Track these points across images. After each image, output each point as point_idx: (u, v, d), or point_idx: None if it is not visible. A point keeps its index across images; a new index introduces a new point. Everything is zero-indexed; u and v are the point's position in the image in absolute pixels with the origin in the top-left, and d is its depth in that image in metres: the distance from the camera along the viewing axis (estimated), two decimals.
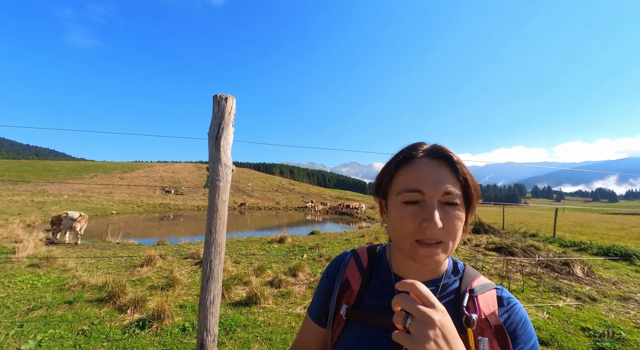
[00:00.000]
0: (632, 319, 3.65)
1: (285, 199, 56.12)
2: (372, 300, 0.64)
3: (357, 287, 0.66)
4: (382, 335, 0.59)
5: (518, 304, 0.60)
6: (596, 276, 5.58)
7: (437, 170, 0.55)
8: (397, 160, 0.60)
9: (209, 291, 1.01)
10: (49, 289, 4.32)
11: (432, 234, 0.52)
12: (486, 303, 0.59)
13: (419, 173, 0.56)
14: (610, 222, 22.42)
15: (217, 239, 1.02)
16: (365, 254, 0.73)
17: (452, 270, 0.65)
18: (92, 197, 33.89)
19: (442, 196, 0.54)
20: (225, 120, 1.09)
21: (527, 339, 0.56)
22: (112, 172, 56.58)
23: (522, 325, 0.57)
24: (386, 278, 0.66)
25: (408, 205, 0.55)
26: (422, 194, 0.54)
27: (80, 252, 7.19)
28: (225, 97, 1.10)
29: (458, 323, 0.55)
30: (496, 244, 8.47)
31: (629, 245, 8.48)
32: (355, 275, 0.69)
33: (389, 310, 0.60)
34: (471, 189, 0.56)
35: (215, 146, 1.07)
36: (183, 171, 68.43)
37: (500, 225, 13.15)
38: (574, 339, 3.07)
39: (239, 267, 5.93)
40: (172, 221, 21.79)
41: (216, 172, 1.07)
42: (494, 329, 0.56)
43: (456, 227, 0.55)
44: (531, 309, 3.85)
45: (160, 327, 3.19)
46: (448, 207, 0.54)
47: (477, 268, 5.97)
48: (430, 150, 0.58)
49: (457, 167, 0.56)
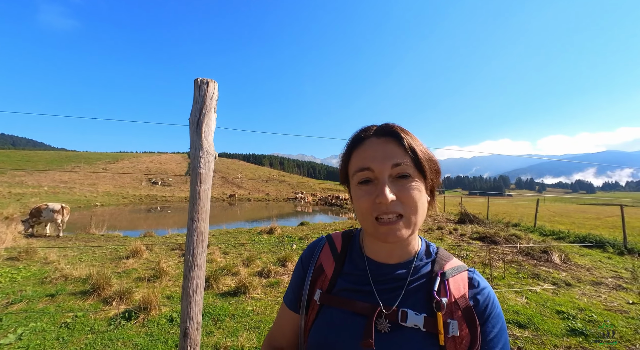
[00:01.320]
0: (603, 302, 3.87)
1: (275, 190, 55.99)
2: (345, 284, 0.64)
3: (330, 272, 0.67)
4: (353, 319, 0.59)
5: (488, 287, 0.61)
6: (572, 263, 5.86)
7: (384, 147, 0.56)
8: (349, 145, 0.62)
9: (191, 279, 0.99)
10: (29, 282, 4.20)
11: (386, 208, 0.53)
12: (457, 286, 0.59)
13: (367, 152, 0.57)
14: (587, 212, 23.51)
15: (200, 227, 1.00)
16: (340, 238, 0.73)
17: (425, 252, 0.65)
18: (74, 188, 32.81)
19: (392, 169, 0.54)
20: (206, 106, 1.05)
21: (495, 322, 0.57)
22: (95, 163, 54.79)
23: (490, 308, 0.58)
24: (359, 261, 0.66)
25: (362, 185, 0.57)
26: (371, 170, 0.55)
27: (63, 244, 6.99)
28: (206, 81, 1.06)
29: (429, 306, 0.57)
30: (480, 234, 8.75)
31: (603, 233, 8.93)
32: (329, 260, 0.69)
33: (361, 293, 0.61)
34: (421, 159, 0.56)
35: (196, 132, 1.04)
36: (170, 162, 66.97)
37: (484, 216, 13.57)
38: (549, 322, 3.24)
39: (228, 257, 5.91)
40: (159, 213, 21.43)
41: (198, 159, 1.03)
42: (463, 311, 0.57)
43: (414, 199, 0.54)
44: (511, 294, 4.02)
45: (147, 318, 3.16)
46: (401, 180, 0.55)
47: (461, 257, 6.15)
48: (377, 130, 0.59)
49: (404, 141, 0.56)
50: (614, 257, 6.55)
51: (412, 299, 0.59)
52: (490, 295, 0.59)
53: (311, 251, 0.74)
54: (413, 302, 0.58)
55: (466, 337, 0.55)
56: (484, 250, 6.70)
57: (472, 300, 0.58)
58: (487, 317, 0.57)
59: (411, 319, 0.56)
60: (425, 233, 9.59)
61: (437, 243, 7.57)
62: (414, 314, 0.56)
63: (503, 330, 0.57)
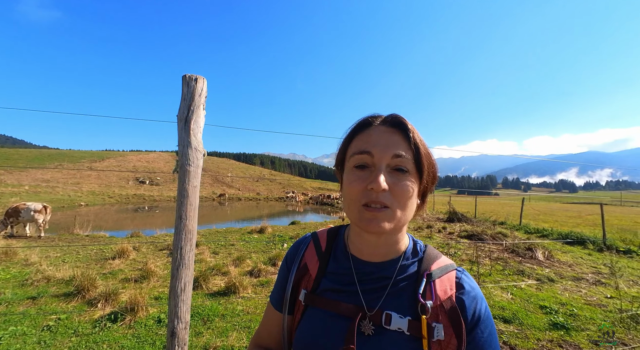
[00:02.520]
0: (583, 297, 4.02)
1: (266, 190, 55.66)
2: (329, 284, 0.62)
3: (314, 272, 0.65)
4: (337, 321, 0.57)
5: (476, 288, 0.59)
6: (555, 260, 6.06)
7: (390, 136, 0.56)
8: (354, 128, 0.60)
9: (179, 278, 0.98)
10: (9, 285, 4.05)
11: (377, 197, 0.51)
12: (443, 288, 0.57)
13: (371, 137, 0.56)
14: (569, 210, 24.32)
15: (188, 225, 0.99)
16: (325, 236, 0.70)
17: (412, 251, 0.62)
18: (57, 187, 31.77)
19: (392, 159, 0.54)
20: (195, 102, 1.03)
21: (484, 326, 0.55)
22: (79, 162, 53.13)
23: (479, 311, 0.56)
24: (343, 259, 0.64)
25: (357, 169, 0.55)
26: (371, 155, 0.54)
27: (45, 245, 6.76)
28: (195, 77, 1.04)
29: (413, 309, 0.55)
30: (468, 232, 8.94)
31: (584, 231, 9.26)
32: (313, 259, 0.67)
33: (346, 293, 0.60)
34: (422, 157, 0.55)
35: (184, 129, 1.02)
36: (158, 160, 65.60)
37: (472, 215, 13.86)
38: (533, 316, 3.34)
39: (218, 257, 5.85)
40: (147, 212, 20.97)
41: (186, 156, 1.02)
42: (449, 314, 0.54)
43: (405, 194, 0.53)
44: (497, 291, 4.13)
45: (134, 319, 3.10)
46: (398, 174, 0.54)
47: (450, 255, 6.27)
48: (386, 119, 0.59)
49: (410, 134, 0.55)
50: (594, 254, 6.80)
51: (397, 301, 0.57)
52: (478, 298, 0.57)
53: (296, 249, 0.72)
54: (398, 304, 0.56)
55: (452, 341, 0.53)
56: (471, 248, 6.84)
57: (458, 302, 0.56)
58: (476, 321, 0.55)
59: (395, 322, 0.54)
60: (415, 231, 9.73)
61: (426, 241, 7.69)
62: (398, 317, 0.54)
63: (492, 334, 0.55)
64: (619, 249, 7.07)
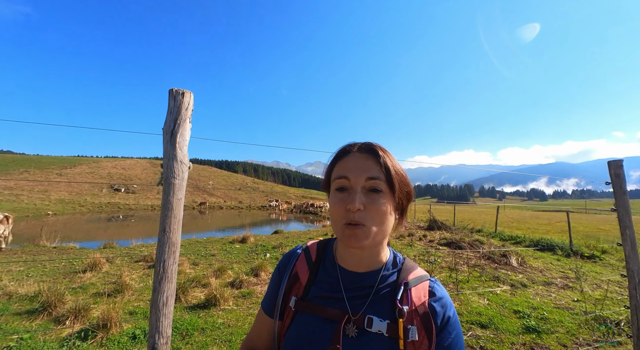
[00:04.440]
0: (553, 301, 4.25)
1: (249, 198, 54.70)
2: (319, 292, 0.68)
3: (305, 280, 0.71)
4: (325, 324, 0.64)
5: (446, 296, 0.68)
6: (527, 265, 6.37)
7: (364, 161, 0.63)
8: (335, 156, 0.69)
9: (161, 292, 0.97)
10: None
11: (353, 217, 0.59)
12: (418, 295, 0.66)
13: (348, 163, 0.64)
14: (540, 218, 25.67)
15: (172, 238, 0.99)
16: (315, 248, 0.77)
17: (392, 263, 0.71)
18: (21, 195, 29.67)
19: (366, 182, 0.61)
20: (181, 116, 1.05)
21: (451, 329, 0.63)
22: (48, 168, 49.98)
23: (447, 316, 0.64)
24: (331, 269, 0.70)
25: (338, 192, 0.63)
26: (348, 179, 0.62)
27: (6, 258, 6.27)
28: (182, 92, 1.06)
29: (392, 313, 0.63)
30: (447, 239, 9.22)
31: (554, 238, 9.81)
32: (304, 268, 0.73)
33: (333, 300, 0.66)
34: (393, 177, 0.62)
35: (170, 142, 1.03)
36: (135, 167, 62.99)
37: (451, 222, 14.31)
38: (507, 321, 3.49)
39: (198, 268, 5.67)
40: (122, 222, 19.97)
41: (171, 169, 1.02)
42: (422, 318, 0.63)
43: (380, 213, 0.60)
44: (474, 297, 4.28)
45: (107, 336, 2.93)
46: (372, 194, 0.61)
47: (430, 262, 6.43)
48: (360, 146, 0.67)
49: (380, 159, 0.63)
50: (562, 259, 7.21)
51: (378, 306, 0.64)
52: (447, 304, 0.66)
53: (288, 259, 0.78)
54: (378, 309, 0.64)
55: (424, 342, 0.61)
56: (450, 255, 7.06)
57: (430, 308, 0.64)
58: (445, 324, 0.63)
59: (376, 325, 0.61)
60: (397, 240, 9.90)
61: (407, 249, 7.85)
62: (378, 321, 0.61)
63: (459, 336, 0.64)
64: (584, 255, 7.54)
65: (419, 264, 5.56)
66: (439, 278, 5.16)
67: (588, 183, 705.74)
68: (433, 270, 5.06)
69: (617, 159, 2.44)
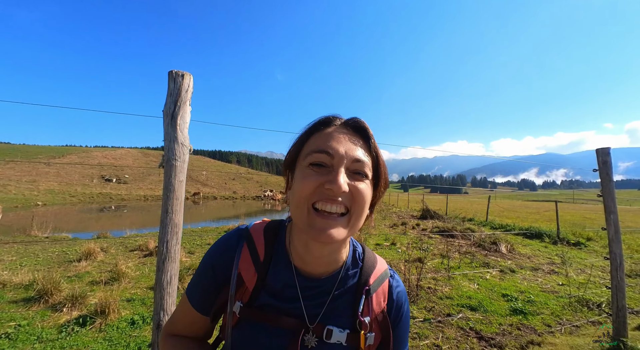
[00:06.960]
0: (539, 285, 4.43)
1: (243, 188, 54.55)
2: (269, 299, 0.58)
3: (251, 285, 0.59)
4: (279, 335, 0.56)
5: (402, 291, 0.67)
6: (516, 252, 6.58)
7: (351, 139, 0.53)
8: (313, 125, 0.56)
9: (165, 271, 0.99)
10: None
11: (334, 195, 0.48)
12: (378, 301, 0.62)
13: (332, 136, 0.53)
14: (529, 207, 26.34)
15: (174, 219, 1.00)
16: (262, 237, 0.62)
17: (352, 260, 0.62)
18: (9, 186, 29.01)
19: (352, 163, 0.51)
20: (181, 98, 1.04)
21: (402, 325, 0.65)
22: (35, 157, 48.77)
23: (401, 315, 0.65)
24: (285, 272, 0.59)
25: (313, 166, 0.51)
26: (330, 156, 0.50)
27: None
28: (182, 73, 1.05)
29: (352, 323, 0.59)
30: (440, 228, 9.42)
31: (542, 226, 10.11)
32: (250, 270, 0.59)
33: (286, 310, 0.57)
34: (381, 166, 0.55)
35: (171, 124, 1.03)
36: (127, 157, 61.94)
37: (444, 212, 14.59)
38: (496, 304, 3.64)
39: (194, 257, 5.70)
40: (114, 212, 19.79)
41: (172, 151, 1.03)
42: (380, 324, 0.62)
43: (364, 198, 0.51)
44: (465, 282, 4.43)
45: (105, 322, 2.96)
46: (357, 176, 0.51)
47: (422, 250, 6.58)
48: (347, 121, 0.57)
49: (371, 141, 0.55)
50: (549, 246, 7.47)
51: (337, 315, 0.59)
52: (402, 302, 0.66)
53: (224, 250, 0.63)
54: (338, 318, 0.59)
55: (378, 341, 0.61)
56: (442, 243, 7.24)
57: (388, 311, 0.64)
58: (398, 322, 0.65)
59: (335, 336, 0.56)
60: (391, 228, 10.07)
61: (401, 238, 8.01)
62: (338, 332, 0.57)
63: (406, 330, 0.67)
64: (570, 242, 7.82)
65: (412, 251, 5.69)
66: (431, 265, 5.31)
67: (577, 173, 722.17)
68: (425, 257, 5.19)
69: (605, 147, 2.52)
